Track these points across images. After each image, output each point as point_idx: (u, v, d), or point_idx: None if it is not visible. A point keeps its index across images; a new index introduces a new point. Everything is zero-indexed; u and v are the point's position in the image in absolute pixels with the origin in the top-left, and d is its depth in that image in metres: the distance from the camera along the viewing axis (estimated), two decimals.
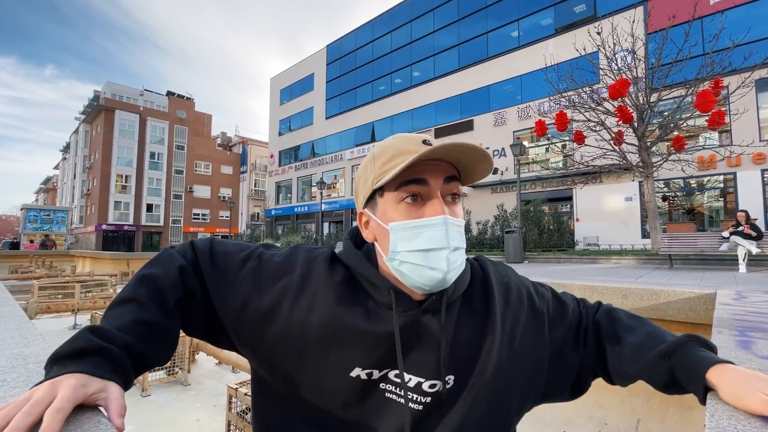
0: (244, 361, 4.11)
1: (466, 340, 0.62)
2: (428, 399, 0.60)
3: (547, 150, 18.59)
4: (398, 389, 0.60)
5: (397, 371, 0.60)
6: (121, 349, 0.50)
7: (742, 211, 7.48)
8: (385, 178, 0.57)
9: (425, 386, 0.60)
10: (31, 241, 24.48)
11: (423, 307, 0.60)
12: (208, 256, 0.66)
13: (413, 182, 0.58)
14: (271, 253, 0.68)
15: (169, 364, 5.13)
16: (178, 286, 0.61)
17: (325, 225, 27.94)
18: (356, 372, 0.59)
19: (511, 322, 0.65)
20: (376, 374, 0.60)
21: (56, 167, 62.45)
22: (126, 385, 0.49)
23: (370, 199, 0.63)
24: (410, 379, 0.60)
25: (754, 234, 6.95)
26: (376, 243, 0.64)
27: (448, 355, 0.60)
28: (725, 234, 7.34)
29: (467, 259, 0.69)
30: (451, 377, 0.60)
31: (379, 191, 0.61)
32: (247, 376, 3.24)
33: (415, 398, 0.60)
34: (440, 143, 0.56)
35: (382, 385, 0.60)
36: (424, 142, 0.59)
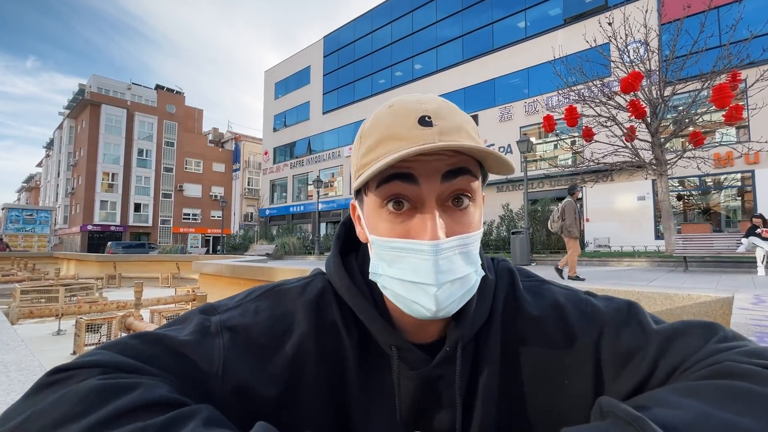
0: None
1: (484, 381, 0.51)
2: None
3: (555, 147, 18.59)
4: None
5: None
6: None
7: (757, 216, 7.50)
8: (363, 175, 0.44)
9: None
10: None
11: (435, 362, 0.50)
12: None
13: (398, 177, 0.44)
14: None
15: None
16: None
17: (323, 225, 27.95)
18: None
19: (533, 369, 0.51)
20: None
21: (39, 165, 62.55)
22: None
23: (359, 191, 0.50)
24: None
25: None
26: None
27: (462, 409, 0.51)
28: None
29: (493, 260, 0.59)
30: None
31: (364, 186, 0.48)
32: None
33: None
34: (443, 143, 0.42)
35: None
36: (421, 121, 0.44)
